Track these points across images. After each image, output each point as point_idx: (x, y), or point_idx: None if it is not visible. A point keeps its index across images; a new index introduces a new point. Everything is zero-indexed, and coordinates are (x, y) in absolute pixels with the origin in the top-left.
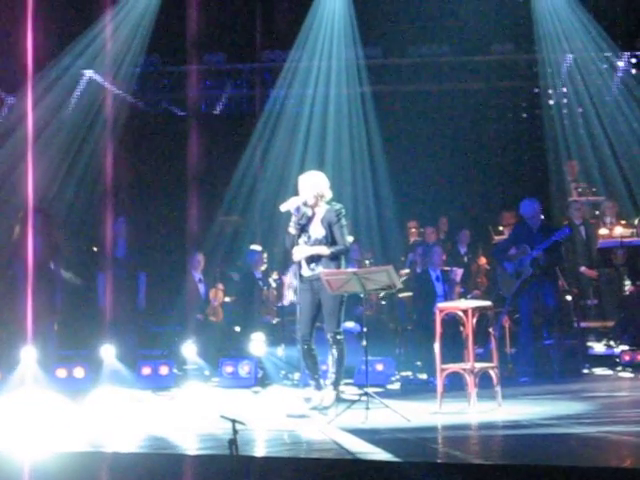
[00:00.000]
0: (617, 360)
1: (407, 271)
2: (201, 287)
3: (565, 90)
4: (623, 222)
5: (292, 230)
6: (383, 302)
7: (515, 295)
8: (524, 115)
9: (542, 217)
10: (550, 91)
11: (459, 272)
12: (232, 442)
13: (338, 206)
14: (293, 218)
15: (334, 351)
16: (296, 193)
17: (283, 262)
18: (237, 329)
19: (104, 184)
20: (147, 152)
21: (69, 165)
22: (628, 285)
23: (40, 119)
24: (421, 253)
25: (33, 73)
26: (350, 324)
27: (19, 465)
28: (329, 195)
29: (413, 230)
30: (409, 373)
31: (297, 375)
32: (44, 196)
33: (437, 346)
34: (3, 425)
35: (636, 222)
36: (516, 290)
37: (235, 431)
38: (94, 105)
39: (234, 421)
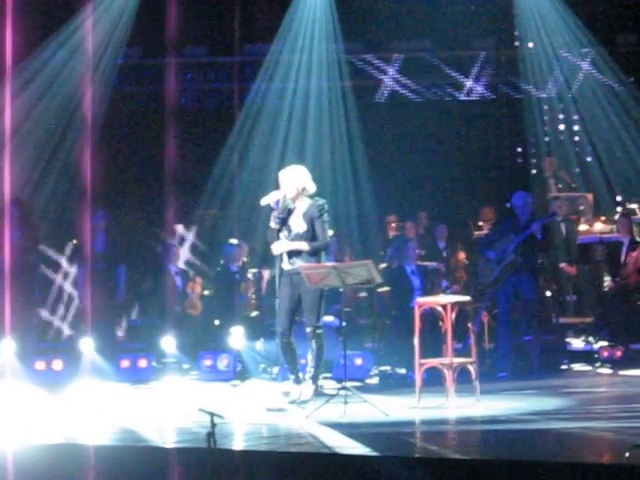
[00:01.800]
0: (596, 356)
1: (384, 265)
2: (178, 280)
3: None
4: (603, 218)
5: (273, 224)
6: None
7: (495, 283)
8: (504, 110)
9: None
10: (530, 86)
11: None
12: (210, 435)
13: (321, 201)
14: (274, 212)
15: (313, 345)
16: (276, 187)
17: (263, 256)
18: (216, 322)
19: (83, 178)
20: (126, 145)
21: (48, 158)
22: (607, 281)
23: (19, 112)
24: (395, 248)
25: (12, 65)
26: (329, 318)
27: None
28: (312, 188)
29: (393, 225)
30: (388, 368)
31: (276, 369)
32: (23, 189)
33: (416, 341)
34: None
35: (616, 217)
36: (496, 277)
37: (213, 424)
38: (74, 97)
39: (212, 414)
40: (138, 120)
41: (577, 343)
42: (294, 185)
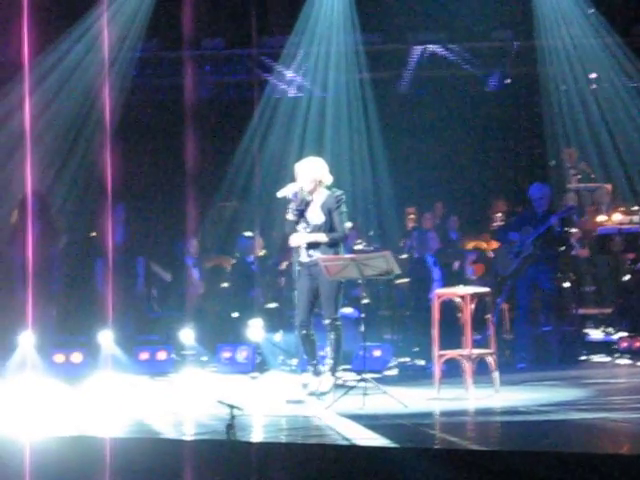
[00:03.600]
0: (615, 347)
1: (404, 256)
2: (195, 272)
3: (564, 77)
4: (622, 209)
5: (290, 216)
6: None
7: (513, 275)
8: (522, 101)
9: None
10: (548, 77)
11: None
12: (230, 427)
13: (339, 192)
14: (291, 204)
15: (332, 337)
16: (294, 179)
17: (282, 248)
18: (235, 315)
19: (102, 171)
20: (145, 137)
21: (66, 152)
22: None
23: (37, 105)
24: (416, 238)
25: (30, 59)
26: (348, 310)
27: (17, 450)
28: (329, 180)
29: (412, 216)
30: (407, 359)
31: (295, 361)
32: (41, 182)
33: (435, 332)
34: (1, 410)
35: (635, 208)
36: (515, 268)
37: (233, 416)
38: (92, 90)
39: (232, 406)
40: (156, 113)
41: (596, 334)
42: (311, 177)
